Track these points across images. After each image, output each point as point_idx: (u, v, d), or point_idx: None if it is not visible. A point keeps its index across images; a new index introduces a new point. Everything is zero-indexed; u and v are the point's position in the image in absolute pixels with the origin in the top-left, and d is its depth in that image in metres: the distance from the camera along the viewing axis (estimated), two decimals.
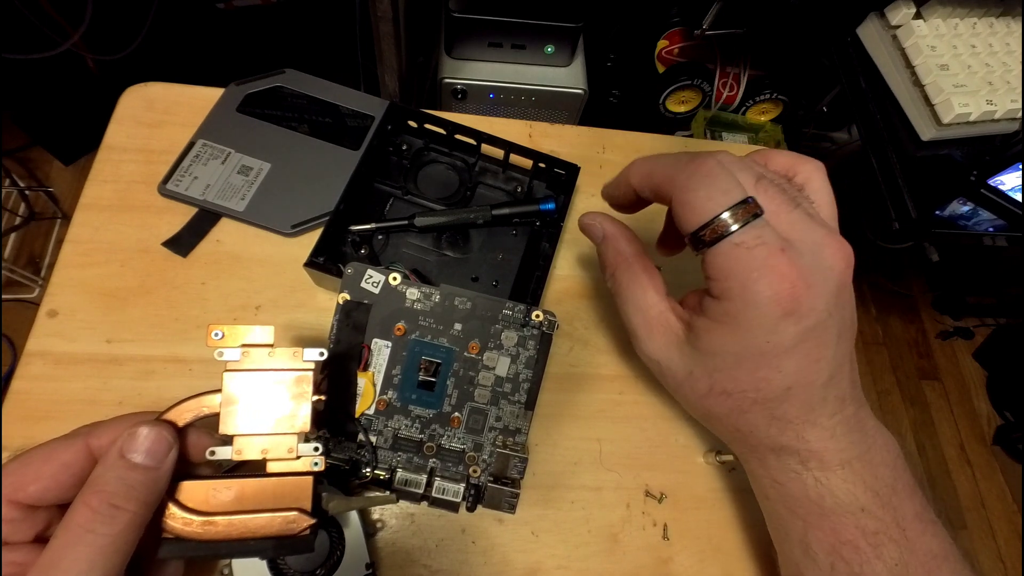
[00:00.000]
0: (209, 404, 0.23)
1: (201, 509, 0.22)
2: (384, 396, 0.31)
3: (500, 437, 0.31)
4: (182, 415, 0.23)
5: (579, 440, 0.36)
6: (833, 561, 0.26)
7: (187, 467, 0.23)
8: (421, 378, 0.31)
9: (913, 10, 0.62)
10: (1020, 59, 0.63)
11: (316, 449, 0.24)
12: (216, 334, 0.23)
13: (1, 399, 0.32)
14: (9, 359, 1.01)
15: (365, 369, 0.31)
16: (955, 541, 0.27)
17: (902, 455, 0.27)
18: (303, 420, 0.23)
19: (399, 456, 0.31)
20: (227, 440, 0.23)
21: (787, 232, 0.23)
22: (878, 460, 0.26)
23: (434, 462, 0.31)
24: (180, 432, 0.23)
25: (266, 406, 0.23)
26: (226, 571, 0.29)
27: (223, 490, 0.22)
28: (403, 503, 0.32)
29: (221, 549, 0.22)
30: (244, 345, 0.23)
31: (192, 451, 0.23)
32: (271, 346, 0.23)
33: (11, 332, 1.03)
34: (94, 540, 0.19)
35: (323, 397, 0.25)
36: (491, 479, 0.30)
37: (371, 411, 0.31)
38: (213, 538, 0.22)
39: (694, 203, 0.23)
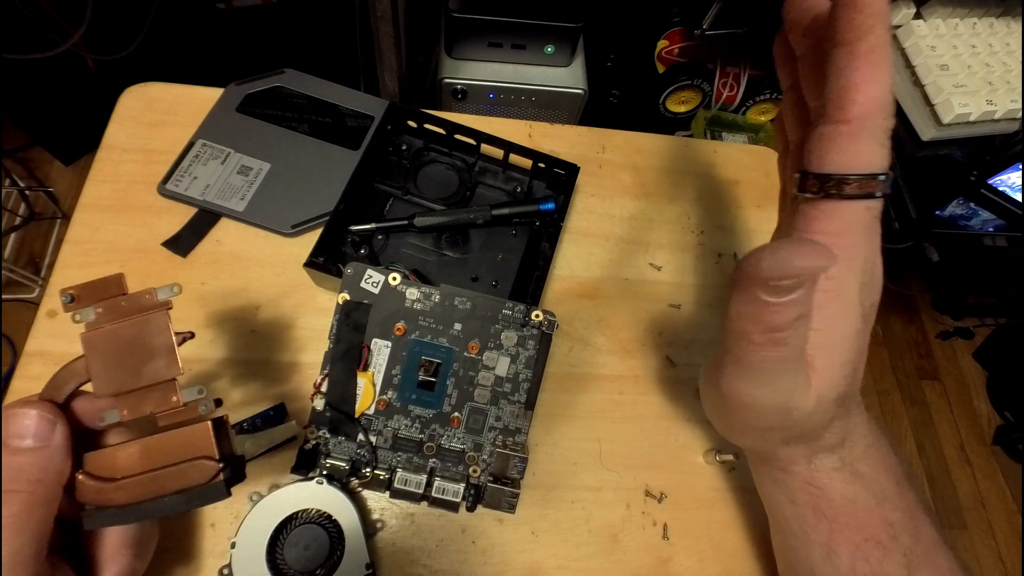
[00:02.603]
0: (79, 371, 0.22)
1: (111, 476, 0.22)
2: (384, 396, 0.31)
3: (500, 437, 0.31)
4: (59, 389, 0.22)
5: (579, 440, 0.36)
6: (854, 562, 0.25)
7: (94, 436, 0.23)
8: (421, 378, 0.31)
9: (913, 10, 0.62)
10: (1020, 59, 0.63)
11: (200, 391, 0.23)
12: (67, 298, 0.22)
13: (1, 399, 0.32)
14: (9, 359, 1.01)
15: (365, 369, 0.31)
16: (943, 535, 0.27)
17: None
18: (172, 364, 0.22)
19: (399, 456, 0.31)
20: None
21: None
22: (887, 448, 0.27)
23: (434, 462, 0.31)
24: (67, 405, 0.22)
25: (133, 359, 0.22)
26: (226, 571, 0.29)
27: (127, 453, 0.22)
28: (403, 503, 0.32)
29: (141, 511, 0.22)
30: (99, 301, 0.22)
31: (89, 419, 0.23)
32: (124, 295, 0.23)
33: (11, 332, 1.03)
34: None
35: (188, 334, 0.23)
36: (491, 479, 0.30)
37: (371, 411, 0.31)
38: (129, 501, 0.22)
39: (864, 154, 0.20)
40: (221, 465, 0.22)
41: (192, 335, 0.24)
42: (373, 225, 0.37)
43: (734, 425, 0.27)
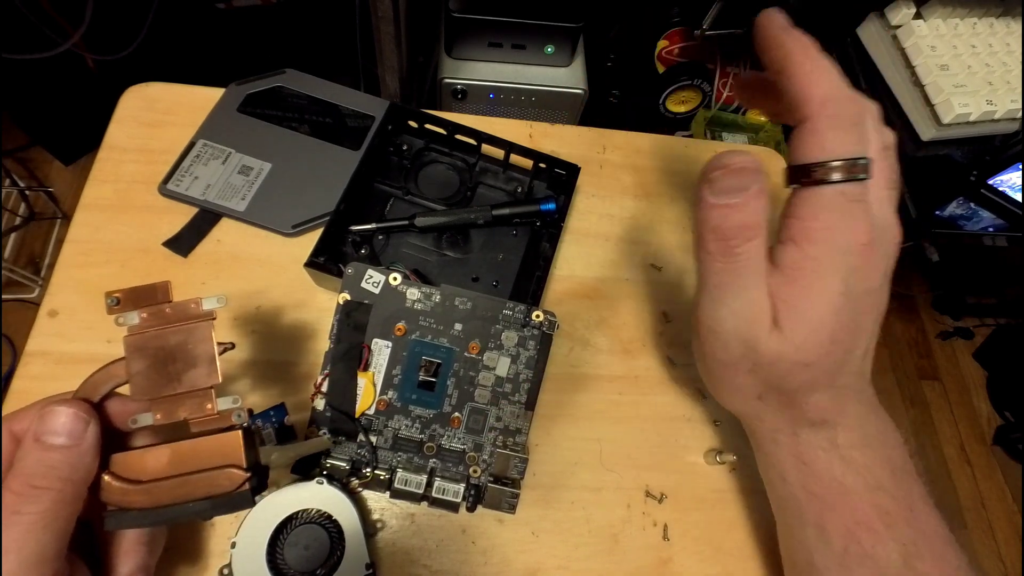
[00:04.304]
0: (117, 373, 0.23)
1: (137, 478, 0.22)
2: (384, 396, 0.31)
3: (500, 437, 0.31)
4: (96, 389, 0.23)
5: (579, 440, 0.36)
6: (847, 544, 0.26)
7: (122, 438, 0.23)
8: (421, 378, 0.31)
9: (913, 10, 0.62)
10: (1020, 59, 0.63)
11: (235, 401, 0.23)
12: (112, 301, 0.23)
13: (1, 399, 0.32)
14: (9, 359, 1.01)
15: (365, 369, 0.31)
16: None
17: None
18: (212, 373, 0.23)
19: (399, 456, 0.31)
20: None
21: (875, 203, 0.24)
22: (892, 442, 0.27)
23: (434, 462, 0.31)
24: (100, 405, 0.23)
25: (173, 365, 0.22)
26: (226, 571, 0.29)
27: (155, 456, 0.22)
28: (403, 503, 0.32)
29: (163, 515, 0.22)
30: (143, 306, 0.23)
31: (120, 421, 0.23)
32: (169, 302, 0.23)
33: (11, 332, 1.03)
34: (20, 520, 0.20)
35: (229, 344, 0.24)
36: (491, 479, 0.30)
37: (371, 411, 0.31)
38: (153, 505, 0.22)
39: (826, 142, 0.23)
40: (249, 474, 0.22)
41: (232, 346, 0.24)
42: (374, 225, 0.37)
43: (710, 366, 0.28)
